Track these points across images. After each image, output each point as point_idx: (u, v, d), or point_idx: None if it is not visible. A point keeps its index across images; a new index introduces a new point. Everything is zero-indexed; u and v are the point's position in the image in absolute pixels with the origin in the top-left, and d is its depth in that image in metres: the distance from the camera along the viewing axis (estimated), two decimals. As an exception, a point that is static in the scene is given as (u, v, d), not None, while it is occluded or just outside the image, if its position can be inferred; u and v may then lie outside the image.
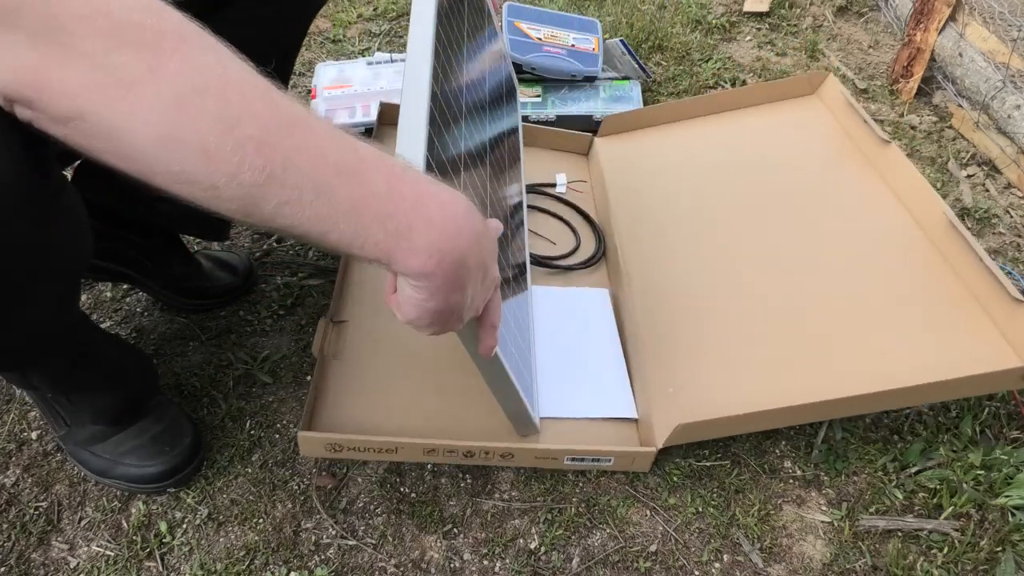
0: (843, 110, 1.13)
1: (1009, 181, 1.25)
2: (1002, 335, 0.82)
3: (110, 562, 0.78)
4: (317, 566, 0.77)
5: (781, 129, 1.18)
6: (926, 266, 0.91)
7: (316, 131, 0.43)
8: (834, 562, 0.77)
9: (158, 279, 0.98)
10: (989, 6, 1.40)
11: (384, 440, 0.78)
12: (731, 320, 0.92)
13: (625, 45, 1.43)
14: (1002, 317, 0.82)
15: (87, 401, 0.79)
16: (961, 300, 0.87)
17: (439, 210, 0.46)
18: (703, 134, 1.22)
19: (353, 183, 0.43)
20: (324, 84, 1.35)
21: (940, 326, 0.85)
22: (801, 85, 1.21)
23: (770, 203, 1.06)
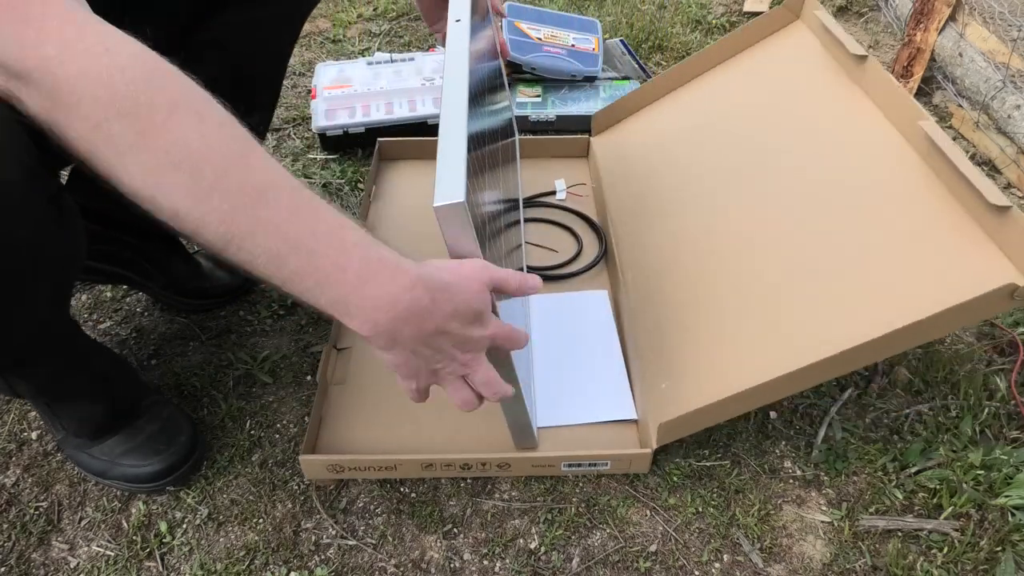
0: (823, 31, 1.06)
1: (1009, 181, 1.25)
2: (998, 246, 0.74)
3: (110, 562, 0.78)
4: (317, 566, 0.77)
5: (767, 69, 1.13)
6: (919, 188, 0.84)
7: (280, 204, 0.49)
8: (834, 562, 0.77)
9: (157, 280, 0.98)
10: (989, 6, 1.40)
11: (383, 458, 0.81)
12: (721, 298, 0.89)
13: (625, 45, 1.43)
14: (992, 227, 0.75)
15: (69, 411, 0.79)
16: (955, 217, 0.79)
17: (377, 288, 0.52)
18: (691, 101, 1.18)
19: (302, 259, 0.50)
20: (324, 84, 1.35)
21: (937, 252, 0.78)
22: (783, 15, 1.14)
23: (761, 153, 1.02)
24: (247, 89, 0.87)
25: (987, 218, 0.75)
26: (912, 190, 0.84)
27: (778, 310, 0.84)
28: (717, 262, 0.94)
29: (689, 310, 0.91)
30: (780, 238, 0.91)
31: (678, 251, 0.99)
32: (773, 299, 0.85)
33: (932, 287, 0.74)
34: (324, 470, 0.82)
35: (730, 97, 1.13)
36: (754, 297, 0.87)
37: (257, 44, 0.84)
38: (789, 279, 0.86)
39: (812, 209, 0.91)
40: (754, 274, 0.89)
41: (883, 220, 0.84)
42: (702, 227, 0.99)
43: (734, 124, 1.09)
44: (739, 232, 0.95)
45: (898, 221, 0.83)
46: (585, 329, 0.97)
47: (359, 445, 0.85)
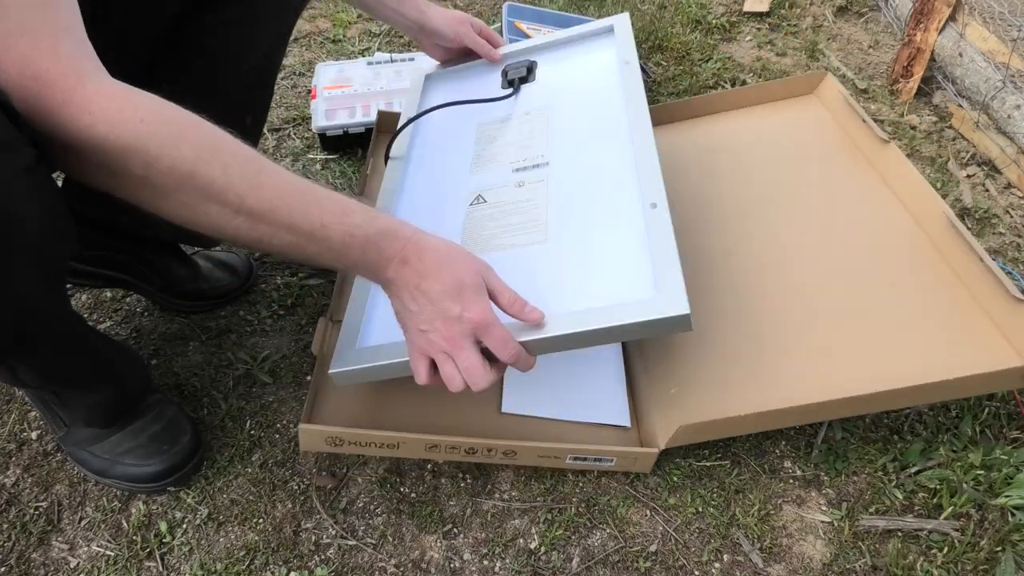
0: (842, 109, 1.12)
1: (1009, 181, 1.25)
2: (1003, 335, 0.81)
3: (110, 562, 0.78)
4: (317, 566, 0.77)
5: (780, 129, 1.17)
6: (926, 266, 0.91)
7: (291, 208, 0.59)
8: (834, 562, 0.77)
9: (155, 283, 0.98)
10: (989, 6, 1.40)
11: (386, 435, 0.77)
12: (732, 320, 0.92)
13: (625, 45, 1.43)
14: (1002, 317, 0.82)
15: (79, 400, 0.79)
16: (960, 301, 0.86)
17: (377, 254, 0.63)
18: (701, 135, 1.21)
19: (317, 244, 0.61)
20: (324, 84, 1.35)
21: (940, 327, 0.84)
22: (799, 85, 1.21)
23: (770, 204, 1.05)
24: (239, 88, 0.87)
25: (999, 308, 0.82)
26: (924, 269, 0.91)
27: (787, 346, 0.87)
28: (728, 286, 0.96)
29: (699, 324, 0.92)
30: (791, 283, 0.94)
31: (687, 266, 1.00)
32: (785, 334, 0.89)
33: (950, 356, 0.81)
34: (322, 442, 0.78)
35: (741, 144, 1.17)
36: (767, 329, 0.90)
37: (247, 42, 0.83)
38: (797, 321, 0.90)
39: (821, 263, 0.96)
40: (764, 309, 0.92)
41: (895, 289, 0.90)
42: (711, 249, 1.01)
43: (745, 168, 1.13)
44: (751, 265, 0.98)
45: (910, 294, 0.89)
46: None
47: (358, 417, 0.83)
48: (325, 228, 0.59)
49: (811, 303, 0.91)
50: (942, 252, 0.91)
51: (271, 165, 0.59)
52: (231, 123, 0.90)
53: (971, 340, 0.82)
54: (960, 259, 0.88)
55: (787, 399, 0.79)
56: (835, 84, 1.15)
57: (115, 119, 0.52)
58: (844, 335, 0.86)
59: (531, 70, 1.05)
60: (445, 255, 0.64)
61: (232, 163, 0.56)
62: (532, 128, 0.97)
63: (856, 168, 1.06)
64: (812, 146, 1.12)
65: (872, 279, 0.92)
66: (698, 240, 1.03)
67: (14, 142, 0.51)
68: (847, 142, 1.10)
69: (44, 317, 0.64)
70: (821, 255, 0.96)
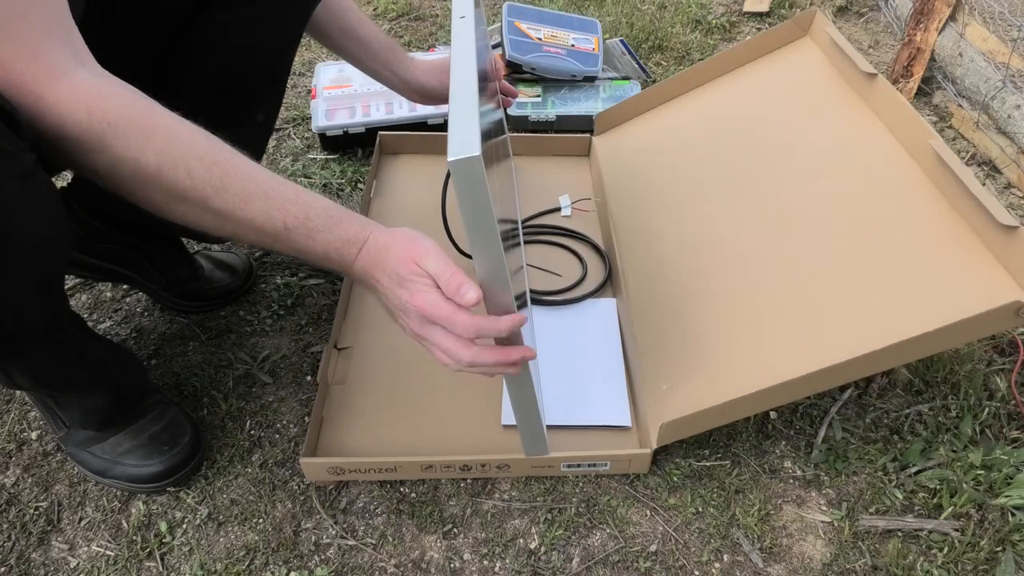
0: (831, 48, 1.08)
1: (1009, 181, 1.25)
2: (1002, 266, 0.75)
3: (110, 562, 0.78)
4: (317, 566, 0.77)
5: (775, 81, 1.13)
6: (923, 204, 0.85)
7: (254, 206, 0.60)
8: (834, 562, 0.77)
9: (157, 281, 0.98)
10: (989, 6, 1.40)
11: (383, 460, 0.81)
12: (725, 302, 0.90)
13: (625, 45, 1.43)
14: (997, 246, 0.76)
15: (75, 402, 0.79)
16: (959, 235, 0.80)
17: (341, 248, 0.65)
18: (697, 106, 1.18)
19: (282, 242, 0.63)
20: (324, 84, 1.35)
21: (939, 267, 0.79)
22: (791, 30, 1.15)
23: (766, 163, 1.02)
24: (251, 85, 0.87)
25: (993, 237, 0.76)
26: (918, 207, 0.85)
27: (781, 317, 0.84)
28: (720, 267, 0.94)
29: (691, 313, 0.91)
30: (785, 247, 0.91)
31: (681, 254, 0.99)
32: (776, 306, 0.85)
33: (938, 301, 0.75)
34: (324, 472, 0.82)
35: (736, 108, 1.13)
36: (757, 304, 0.87)
37: (260, 39, 0.84)
38: (793, 287, 0.86)
39: (816, 221, 0.91)
40: (758, 281, 0.89)
41: (888, 235, 0.85)
42: (706, 232, 0.99)
43: (740, 135, 1.09)
44: (743, 240, 0.95)
45: (904, 236, 0.83)
46: (589, 334, 0.97)
47: (359, 446, 0.85)
48: (288, 231, 0.61)
49: (807, 267, 0.87)
50: (939, 185, 0.85)
51: (241, 166, 0.60)
52: (243, 119, 0.91)
53: (971, 277, 0.76)
54: (955, 191, 0.82)
55: (777, 377, 0.76)
56: (823, 21, 1.10)
57: (83, 120, 0.53)
58: (839, 297, 0.82)
59: None
60: (386, 246, 0.63)
61: (197, 167, 0.57)
62: None
63: (850, 107, 1.01)
64: (807, 94, 1.08)
65: (869, 228, 0.87)
66: (691, 224, 1.01)
67: (12, 149, 0.51)
68: (841, 81, 1.05)
69: (38, 322, 0.64)
70: (819, 209, 0.92)
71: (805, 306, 0.83)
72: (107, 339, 0.85)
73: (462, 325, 0.61)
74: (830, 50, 1.08)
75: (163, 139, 0.56)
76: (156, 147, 0.56)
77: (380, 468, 0.82)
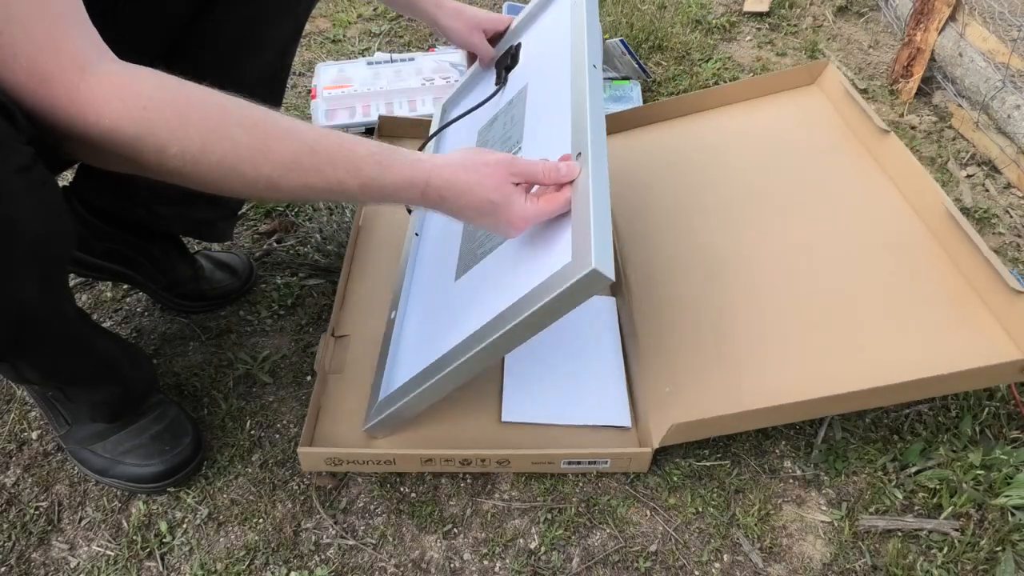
0: (843, 100, 1.11)
1: (1009, 181, 1.25)
2: (1003, 328, 0.80)
3: (110, 562, 0.78)
4: (317, 566, 0.77)
5: (781, 121, 1.16)
6: (926, 259, 0.90)
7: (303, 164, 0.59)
8: (834, 562, 0.77)
9: (158, 281, 0.98)
10: (989, 6, 1.40)
11: (381, 452, 0.81)
12: (729, 317, 0.91)
13: (625, 45, 1.43)
14: (1001, 309, 0.80)
15: (84, 396, 0.79)
16: (961, 293, 0.85)
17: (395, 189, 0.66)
18: (702, 129, 1.20)
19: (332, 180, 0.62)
20: (324, 84, 1.35)
21: (939, 320, 0.84)
22: (801, 75, 1.19)
23: (770, 197, 1.05)
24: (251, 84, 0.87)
25: (998, 301, 0.81)
26: (922, 261, 0.90)
27: (786, 342, 0.87)
28: (726, 285, 0.96)
29: (697, 321, 0.93)
30: (792, 277, 0.94)
31: (686, 263, 1.00)
32: (781, 331, 0.88)
33: (944, 349, 0.81)
34: (322, 463, 0.82)
35: (745, 140, 1.16)
36: (763, 326, 0.90)
37: (259, 38, 0.84)
38: (799, 316, 0.89)
39: (822, 258, 0.95)
40: (763, 306, 0.92)
41: (893, 282, 0.90)
42: (712, 248, 1.01)
43: (745, 162, 1.12)
44: (751, 264, 0.97)
45: (909, 286, 0.88)
46: (589, 333, 0.97)
47: (358, 437, 0.85)
48: (342, 184, 0.61)
49: (810, 298, 0.90)
50: (943, 244, 0.90)
51: (280, 125, 0.59)
52: None
53: (970, 334, 0.81)
54: (960, 251, 0.87)
55: (783, 396, 0.79)
56: (836, 74, 1.13)
57: (119, 111, 0.52)
58: (842, 330, 0.86)
59: (515, 54, 1.03)
60: (466, 186, 0.66)
61: (239, 134, 0.56)
62: (513, 116, 0.95)
63: (857, 160, 1.05)
64: (813, 138, 1.11)
65: (872, 273, 0.91)
66: (697, 237, 1.03)
67: (9, 141, 0.51)
68: (848, 133, 1.08)
69: (43, 317, 0.64)
70: (821, 248, 0.96)
71: (810, 334, 0.87)
72: (115, 333, 0.85)
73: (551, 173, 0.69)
74: (840, 101, 1.12)
75: (199, 114, 0.55)
76: (195, 123, 0.55)
77: (378, 460, 0.81)
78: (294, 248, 1.15)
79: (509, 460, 0.82)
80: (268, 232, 1.18)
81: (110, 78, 0.53)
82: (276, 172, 0.58)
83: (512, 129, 0.93)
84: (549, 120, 0.84)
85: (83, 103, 0.52)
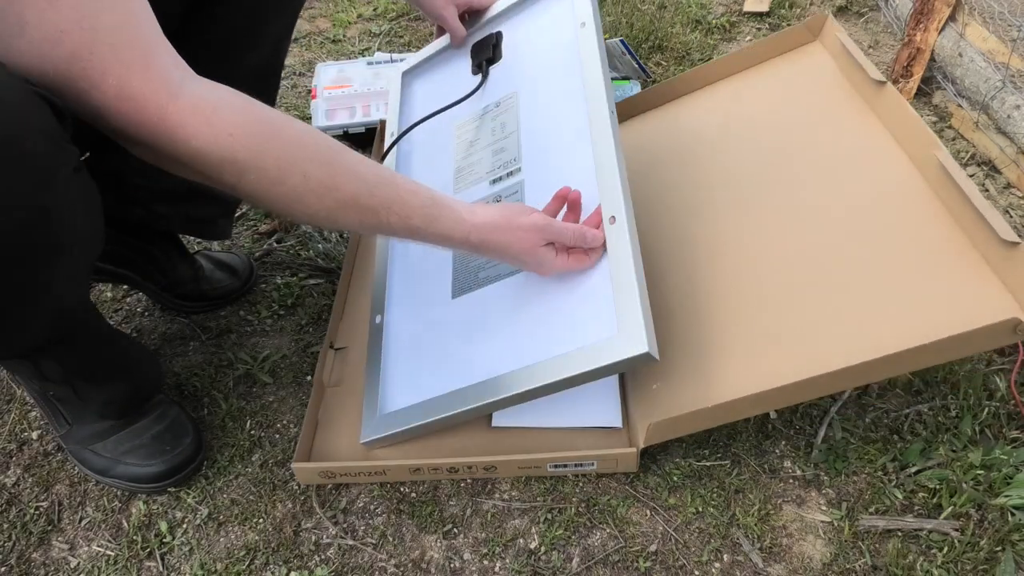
0: (841, 54, 1.06)
1: (1009, 181, 1.25)
2: (1001, 281, 0.75)
3: (110, 562, 0.78)
4: (317, 566, 0.77)
5: (782, 85, 1.12)
6: (925, 215, 0.85)
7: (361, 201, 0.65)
8: (834, 562, 0.77)
9: (158, 281, 0.98)
10: (989, 6, 1.40)
11: (372, 464, 0.82)
12: (722, 303, 0.88)
13: (625, 45, 1.43)
14: (998, 262, 0.76)
15: (95, 393, 0.79)
16: (960, 247, 0.80)
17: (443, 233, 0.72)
18: (703, 107, 1.17)
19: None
20: (324, 84, 1.35)
21: (940, 279, 0.79)
22: (802, 34, 1.15)
23: (768, 167, 1.01)
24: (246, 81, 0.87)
25: (994, 252, 0.76)
26: (920, 218, 0.85)
27: (777, 322, 0.83)
28: (717, 269, 0.93)
29: (685, 312, 0.90)
30: (782, 251, 0.90)
31: (675, 253, 0.98)
32: (772, 311, 0.85)
33: (937, 314, 0.75)
34: (316, 476, 0.83)
35: (743, 110, 1.12)
36: (753, 307, 0.86)
37: (254, 34, 0.84)
38: (789, 292, 0.86)
39: (817, 226, 0.91)
40: (753, 284, 0.88)
41: (889, 245, 0.84)
42: (702, 232, 0.98)
43: (744, 137, 1.08)
44: (741, 242, 0.94)
45: (904, 248, 0.83)
46: None
47: (354, 448, 0.85)
48: (391, 226, 0.66)
49: (807, 270, 0.87)
50: (941, 197, 0.85)
51: (347, 165, 0.63)
52: None
53: (970, 291, 0.76)
54: (957, 203, 0.82)
55: (770, 381, 0.75)
56: (834, 26, 1.10)
57: (207, 135, 0.55)
58: (837, 302, 0.82)
59: (496, 45, 1.02)
60: (501, 246, 0.73)
61: (311, 168, 0.60)
62: (503, 123, 0.96)
63: (857, 115, 1.00)
64: (814, 98, 1.07)
65: (872, 235, 0.86)
66: (684, 228, 1.01)
67: (65, 143, 0.52)
68: (848, 87, 1.04)
69: (78, 312, 0.67)
70: (820, 215, 0.92)
71: (802, 312, 0.83)
72: (124, 333, 0.87)
73: (584, 235, 0.76)
74: (840, 55, 1.07)
75: (277, 145, 0.59)
76: (273, 153, 0.58)
77: (370, 471, 0.82)
78: (294, 248, 1.15)
79: (496, 467, 0.82)
80: (268, 232, 1.18)
81: (199, 102, 0.55)
82: (337, 207, 0.62)
83: (505, 142, 0.94)
84: (559, 155, 0.87)
85: (174, 125, 0.53)
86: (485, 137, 0.97)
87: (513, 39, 1.01)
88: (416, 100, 1.10)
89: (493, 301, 0.83)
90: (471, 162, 0.97)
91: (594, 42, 0.90)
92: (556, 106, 0.91)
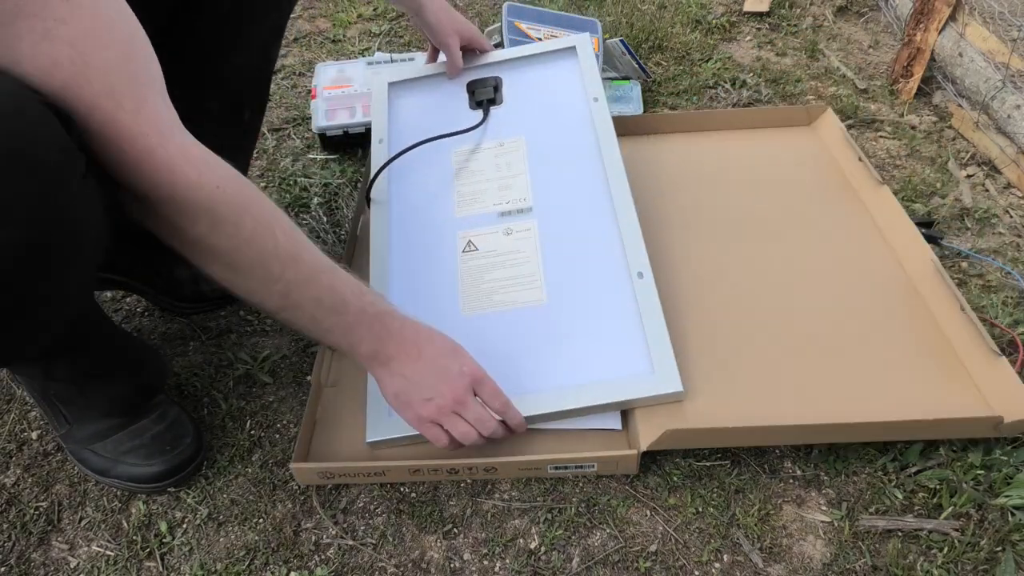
0: (838, 144, 1.15)
1: (1009, 181, 1.25)
2: (976, 387, 0.84)
3: (110, 562, 0.78)
4: (317, 566, 0.77)
5: (775, 155, 1.19)
6: (908, 312, 0.93)
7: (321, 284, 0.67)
8: (834, 562, 0.77)
9: (156, 285, 0.98)
10: (989, 6, 1.40)
11: (371, 465, 0.82)
12: (720, 334, 0.92)
13: (625, 45, 1.43)
14: (978, 369, 0.84)
15: (101, 391, 0.79)
16: (939, 349, 0.88)
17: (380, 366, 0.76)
18: (696, 149, 1.21)
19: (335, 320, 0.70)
20: (324, 84, 1.35)
21: (919, 371, 0.86)
22: (798, 115, 1.24)
23: (762, 229, 1.06)
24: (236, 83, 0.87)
25: (977, 361, 0.85)
26: (904, 311, 0.93)
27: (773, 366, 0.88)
28: (713, 300, 0.96)
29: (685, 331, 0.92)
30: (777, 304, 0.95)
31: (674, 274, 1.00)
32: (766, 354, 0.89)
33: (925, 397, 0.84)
34: (315, 476, 0.82)
35: (737, 164, 1.18)
36: (750, 347, 0.90)
37: (241, 37, 0.84)
38: (786, 344, 0.90)
39: (807, 292, 0.97)
40: (750, 329, 0.92)
41: (879, 325, 0.92)
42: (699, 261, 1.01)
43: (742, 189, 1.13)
44: (738, 282, 0.98)
45: (893, 333, 0.91)
46: None
47: (353, 448, 0.85)
48: (345, 304, 0.68)
49: (799, 330, 0.92)
50: (924, 298, 0.93)
51: (307, 243, 0.66)
52: (230, 117, 0.91)
53: (946, 388, 0.85)
54: (943, 306, 0.90)
55: (775, 417, 0.81)
56: (834, 119, 1.18)
57: (195, 181, 0.57)
58: (828, 366, 0.88)
59: (497, 89, 1.09)
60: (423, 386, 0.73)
61: (282, 238, 0.63)
62: (509, 162, 1.02)
63: (848, 206, 1.08)
64: (807, 178, 1.14)
65: (855, 317, 0.93)
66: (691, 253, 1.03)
67: (73, 149, 0.53)
68: (840, 178, 1.12)
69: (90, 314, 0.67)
70: (808, 286, 0.97)
71: (799, 365, 0.88)
72: (129, 332, 0.88)
73: (502, 399, 0.77)
74: (836, 145, 1.15)
75: (257, 207, 0.62)
76: (253, 213, 0.61)
77: (369, 472, 0.82)
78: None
79: (496, 468, 0.82)
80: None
81: (192, 150, 0.58)
82: (298, 278, 0.65)
83: (512, 180, 1.01)
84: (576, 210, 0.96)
85: (160, 165, 0.55)
86: (488, 171, 1.03)
87: (514, 89, 1.10)
88: (406, 115, 1.13)
89: (513, 323, 0.89)
90: (474, 190, 1.02)
91: (607, 117, 1.02)
92: (571, 165, 1.00)
